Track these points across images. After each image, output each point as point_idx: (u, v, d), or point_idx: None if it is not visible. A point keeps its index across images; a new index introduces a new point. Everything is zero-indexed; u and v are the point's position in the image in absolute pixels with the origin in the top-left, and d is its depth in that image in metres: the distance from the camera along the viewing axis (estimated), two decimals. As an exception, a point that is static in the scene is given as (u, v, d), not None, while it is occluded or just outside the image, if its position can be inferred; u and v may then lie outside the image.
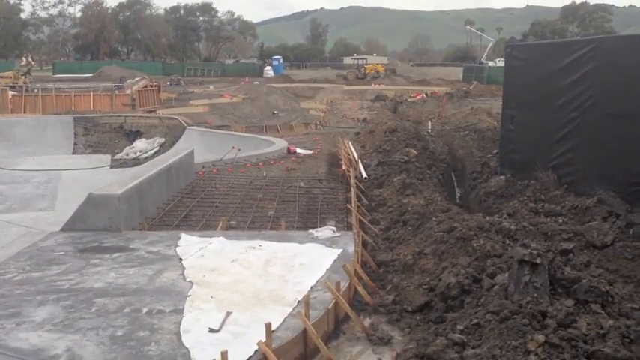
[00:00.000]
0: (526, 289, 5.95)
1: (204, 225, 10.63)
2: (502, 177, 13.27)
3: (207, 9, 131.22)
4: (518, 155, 13.17)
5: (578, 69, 11.42)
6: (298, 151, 18.70)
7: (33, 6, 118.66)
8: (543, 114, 12.40)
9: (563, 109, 11.79)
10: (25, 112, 30.15)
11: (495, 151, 15.60)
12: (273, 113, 34.92)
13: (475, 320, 5.92)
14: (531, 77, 12.86)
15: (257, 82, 52.46)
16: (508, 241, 8.00)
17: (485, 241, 7.82)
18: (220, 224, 10.33)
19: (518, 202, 11.35)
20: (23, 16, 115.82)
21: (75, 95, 32.05)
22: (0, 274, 7.77)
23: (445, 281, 7.11)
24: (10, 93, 31.83)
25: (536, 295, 5.85)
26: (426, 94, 44.75)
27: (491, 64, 75.29)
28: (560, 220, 9.65)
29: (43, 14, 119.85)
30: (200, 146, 18.14)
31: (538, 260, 6.02)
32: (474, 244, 7.80)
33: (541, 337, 5.16)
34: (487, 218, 9.19)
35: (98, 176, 15.93)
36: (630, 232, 8.78)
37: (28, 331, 6.01)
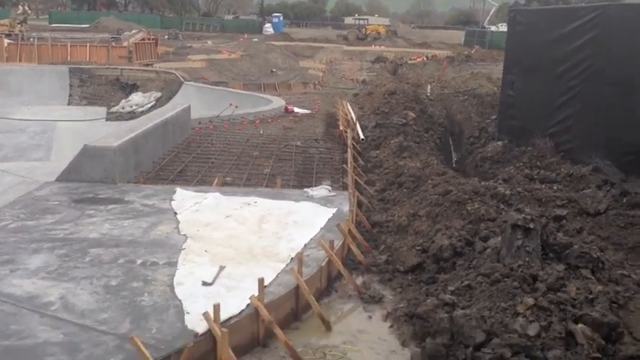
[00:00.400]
0: (518, 253, 6.01)
1: (199, 180, 10.62)
2: (499, 142, 13.26)
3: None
4: (517, 121, 13.13)
5: (581, 36, 11.28)
6: (296, 110, 18.57)
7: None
8: (544, 80, 12.31)
9: (564, 76, 11.69)
10: (20, 60, 29.75)
11: (494, 117, 15.54)
12: (272, 71, 34.56)
13: (466, 282, 5.99)
14: (534, 43, 12.71)
15: (256, 40, 51.71)
16: (502, 206, 8.05)
17: (479, 205, 7.86)
18: (216, 180, 10.32)
19: (514, 167, 11.37)
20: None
21: (71, 46, 31.58)
22: (-6, 221, 7.78)
23: (438, 243, 7.17)
24: (6, 41, 31.37)
25: (527, 259, 5.91)
26: (427, 57, 44.26)
27: (493, 28, 74.32)
28: (555, 187, 9.68)
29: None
30: (197, 102, 17.96)
31: (531, 225, 6.05)
32: (469, 208, 7.83)
33: (530, 300, 5.23)
34: (482, 183, 9.22)
35: (93, 128, 15.81)
36: (624, 201, 8.83)
37: (22, 278, 6.05)
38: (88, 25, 63.79)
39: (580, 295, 5.35)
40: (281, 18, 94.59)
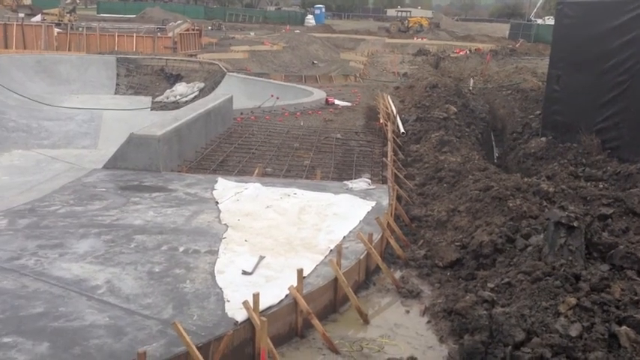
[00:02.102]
0: (561, 252, 5.91)
1: (240, 170, 10.76)
2: (543, 138, 13.00)
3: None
4: (562, 117, 12.84)
5: (631, 30, 10.95)
6: (336, 102, 18.58)
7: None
8: (591, 75, 12.00)
9: (612, 71, 11.38)
10: (69, 49, 30.56)
11: (538, 112, 15.23)
12: (313, 63, 34.62)
13: (506, 279, 5.93)
14: (581, 36, 12.39)
15: (298, 31, 51.81)
16: (545, 203, 7.91)
17: (521, 202, 7.75)
18: (256, 170, 10.43)
19: (559, 164, 11.14)
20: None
21: (118, 36, 32.29)
22: (45, 205, 8.06)
23: (478, 239, 7.10)
24: (56, 30, 32.23)
25: (570, 258, 5.81)
26: (470, 51, 43.57)
27: (540, 21, 72.59)
28: (601, 185, 9.44)
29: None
30: (239, 92, 18.17)
31: (575, 223, 5.95)
32: (510, 204, 7.73)
33: (573, 300, 5.15)
34: (525, 179, 9.07)
35: (139, 117, 16.17)
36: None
37: (70, 262, 6.26)
38: (134, 16, 65.07)
39: (624, 296, 5.24)
40: (323, 10, 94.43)
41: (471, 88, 23.78)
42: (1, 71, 19.33)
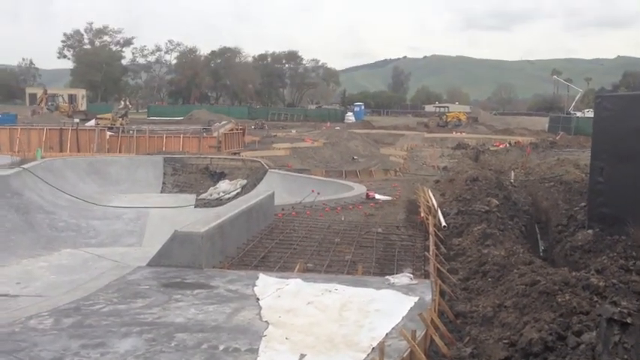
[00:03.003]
0: (615, 350, 5.62)
1: (281, 266, 10.77)
2: (590, 231, 12.69)
3: (293, 57, 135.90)
4: (608, 209, 12.57)
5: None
6: (377, 196, 18.70)
7: (133, 53, 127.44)
8: (635, 167, 11.85)
9: (656, 162, 11.22)
10: (120, 151, 32.04)
11: (583, 204, 14.96)
12: (353, 158, 35.22)
13: (559, 380, 5.63)
14: (622, 129, 12.37)
15: (338, 128, 53.28)
16: (596, 299, 7.60)
17: (570, 297, 7.47)
18: (298, 266, 10.43)
19: (608, 257, 10.77)
20: (124, 62, 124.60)
21: (166, 137, 33.81)
22: (90, 304, 8.18)
23: (527, 337, 6.82)
24: (108, 134, 33.98)
25: (626, 357, 5.51)
26: (510, 144, 43.76)
27: (579, 114, 72.87)
28: (654, 279, 9.05)
29: (141, 61, 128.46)
30: (280, 189, 18.53)
31: (629, 320, 5.68)
32: (559, 300, 7.46)
33: (632, 403, 4.84)
34: (573, 273, 8.78)
35: (183, 215, 16.57)
36: None
37: (111, 361, 6.26)
38: (182, 118, 68.23)
39: (688, 399, 4.89)
40: (362, 107, 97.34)
41: (512, 180, 23.66)
42: (55, 173, 20.29)
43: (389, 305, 8.21)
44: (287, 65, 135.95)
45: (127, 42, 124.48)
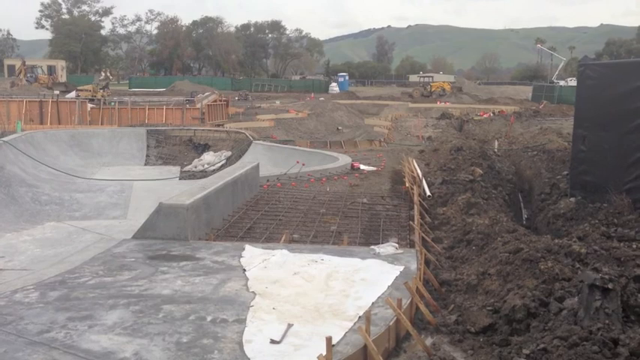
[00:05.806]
0: (597, 315, 5.74)
1: (267, 237, 10.80)
2: (572, 199, 12.84)
3: (277, 27, 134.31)
4: (590, 177, 12.71)
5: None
6: (362, 167, 18.73)
7: (112, 23, 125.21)
8: (617, 135, 11.96)
9: (638, 130, 11.32)
10: (102, 123, 31.65)
11: (565, 172, 15.11)
12: (338, 129, 35.16)
13: (542, 345, 5.75)
14: (605, 97, 12.43)
15: (322, 99, 53.01)
16: (578, 265, 7.73)
17: (553, 264, 7.58)
18: (283, 237, 10.46)
19: (589, 225, 10.93)
20: (103, 32, 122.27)
21: (149, 109, 33.39)
22: (75, 277, 8.16)
23: (510, 303, 6.93)
24: (89, 105, 33.51)
25: (607, 321, 5.63)
26: (493, 113, 43.88)
27: (562, 83, 73.18)
28: (635, 246, 9.21)
29: (121, 31, 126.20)
30: (265, 160, 18.48)
31: (610, 285, 5.79)
32: (542, 267, 7.57)
33: (612, 366, 4.96)
34: (556, 240, 8.91)
35: (168, 187, 16.47)
36: None
37: (99, 333, 6.26)
38: (164, 89, 67.45)
39: (667, 361, 5.03)
40: (346, 77, 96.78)
41: (496, 149, 23.80)
42: (36, 146, 20.03)
43: (374, 274, 8.28)
44: (270, 35, 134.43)
45: (106, 12, 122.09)
